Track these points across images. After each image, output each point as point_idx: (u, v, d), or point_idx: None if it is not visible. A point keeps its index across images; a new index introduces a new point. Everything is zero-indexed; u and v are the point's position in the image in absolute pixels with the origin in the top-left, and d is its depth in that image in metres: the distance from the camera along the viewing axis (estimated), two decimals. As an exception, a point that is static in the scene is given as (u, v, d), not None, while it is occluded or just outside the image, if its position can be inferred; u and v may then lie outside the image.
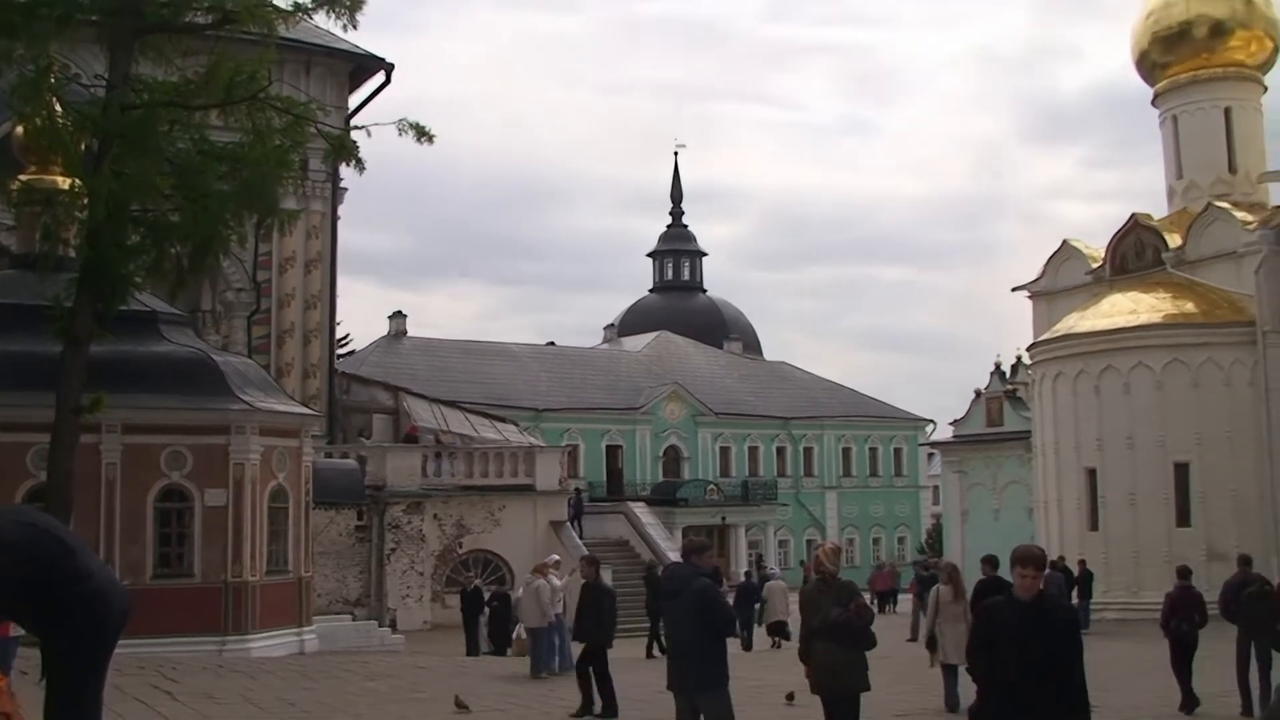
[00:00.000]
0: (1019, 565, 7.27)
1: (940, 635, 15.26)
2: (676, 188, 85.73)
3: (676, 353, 71.85)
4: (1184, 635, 15.74)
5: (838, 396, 74.46)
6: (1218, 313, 34.24)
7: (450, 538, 34.79)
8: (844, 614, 10.35)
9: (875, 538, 71.62)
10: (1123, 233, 39.21)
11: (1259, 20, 39.04)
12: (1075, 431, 35.26)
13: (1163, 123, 40.61)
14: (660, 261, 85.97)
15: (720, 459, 67.90)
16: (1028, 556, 7.33)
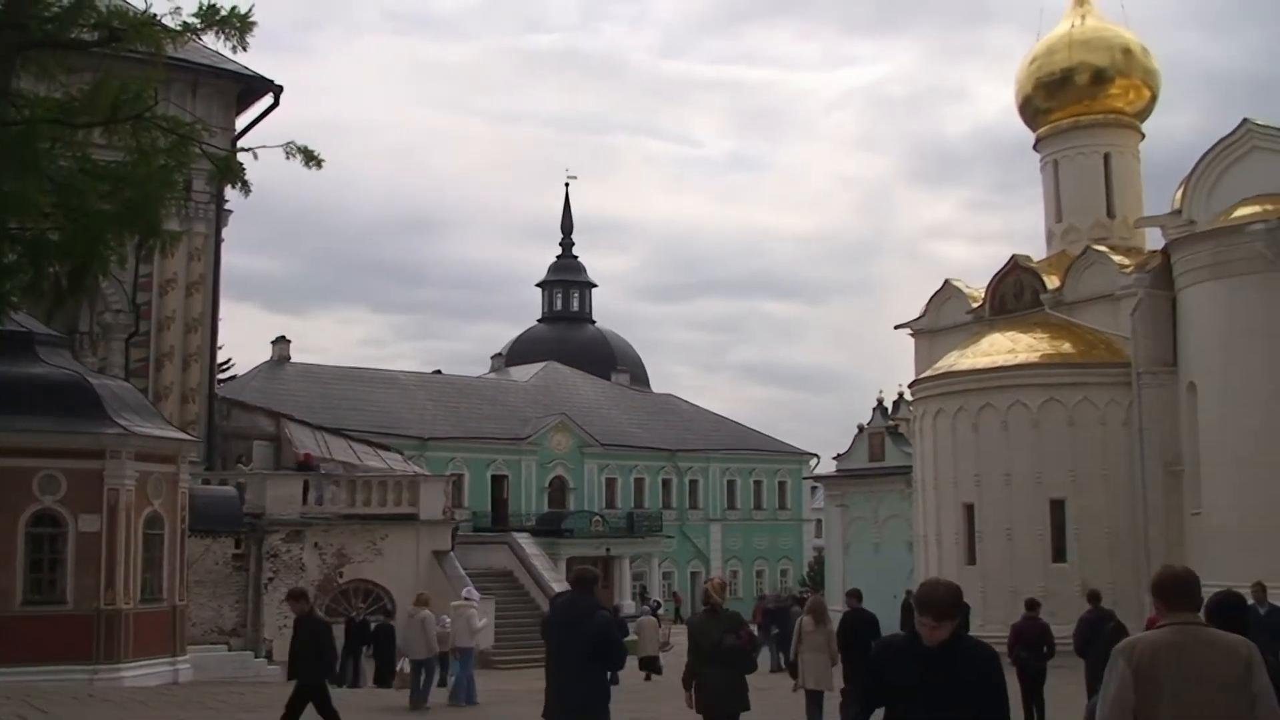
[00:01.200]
0: (918, 612, 5.90)
1: (802, 663, 16.15)
2: (567, 218, 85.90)
3: (564, 383, 71.77)
4: (1026, 664, 16.16)
5: (724, 429, 74.88)
6: (1094, 353, 35.05)
7: (330, 567, 34.25)
8: (736, 641, 11.38)
9: (759, 570, 72.03)
10: (1003, 273, 40.03)
11: (1138, 70, 40.23)
12: (954, 467, 35.82)
13: (1044, 167, 41.62)
14: (550, 292, 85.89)
15: (606, 490, 67.87)
16: (928, 601, 5.88)
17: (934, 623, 5.84)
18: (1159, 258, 34.96)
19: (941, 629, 5.81)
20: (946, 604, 5.89)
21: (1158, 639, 5.19)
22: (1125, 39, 40.45)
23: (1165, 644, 5.14)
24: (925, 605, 5.90)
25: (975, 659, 5.88)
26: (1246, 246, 30.41)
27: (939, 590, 6.01)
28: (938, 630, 5.79)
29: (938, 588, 6.08)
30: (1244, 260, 30.67)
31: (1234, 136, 33.25)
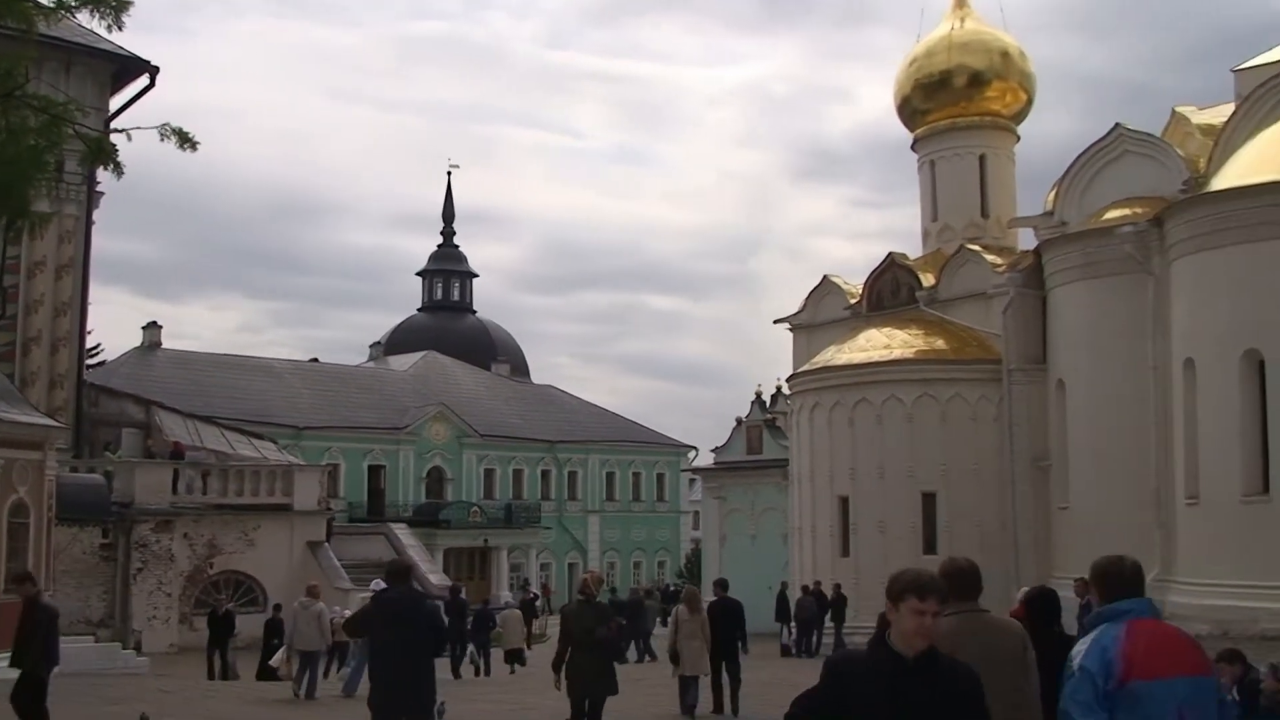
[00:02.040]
0: (912, 595, 4.85)
1: (680, 650, 17.00)
2: (449, 207, 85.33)
3: (443, 373, 71.33)
4: None
5: (604, 421, 75.04)
6: (966, 350, 35.74)
7: (201, 558, 33.66)
8: (606, 632, 12.35)
9: (636, 561, 72.36)
10: (880, 271, 40.64)
11: (1015, 73, 41.06)
12: (830, 460, 36.28)
13: (921, 167, 42.32)
14: (430, 281, 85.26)
15: (484, 481, 67.62)
16: (929, 584, 4.90)
17: (937, 608, 4.88)
18: (1031, 258, 35.75)
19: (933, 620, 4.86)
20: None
21: (955, 623, 5.71)
22: (1003, 42, 41.26)
23: (962, 627, 5.72)
24: (927, 588, 4.86)
25: (956, 677, 4.95)
26: (1116, 248, 31.22)
27: (937, 571, 5.58)
28: (933, 622, 4.84)
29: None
30: (1113, 262, 31.48)
31: (1106, 140, 34.14)
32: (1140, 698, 4.84)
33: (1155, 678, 4.86)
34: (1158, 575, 29.64)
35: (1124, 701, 4.85)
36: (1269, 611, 25.28)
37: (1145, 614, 5.09)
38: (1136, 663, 4.87)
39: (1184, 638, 5.16)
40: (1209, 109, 34.38)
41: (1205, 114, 34.15)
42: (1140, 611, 5.09)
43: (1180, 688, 4.89)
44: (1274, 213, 27.03)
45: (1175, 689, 4.87)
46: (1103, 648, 4.94)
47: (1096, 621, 5.11)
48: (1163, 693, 4.86)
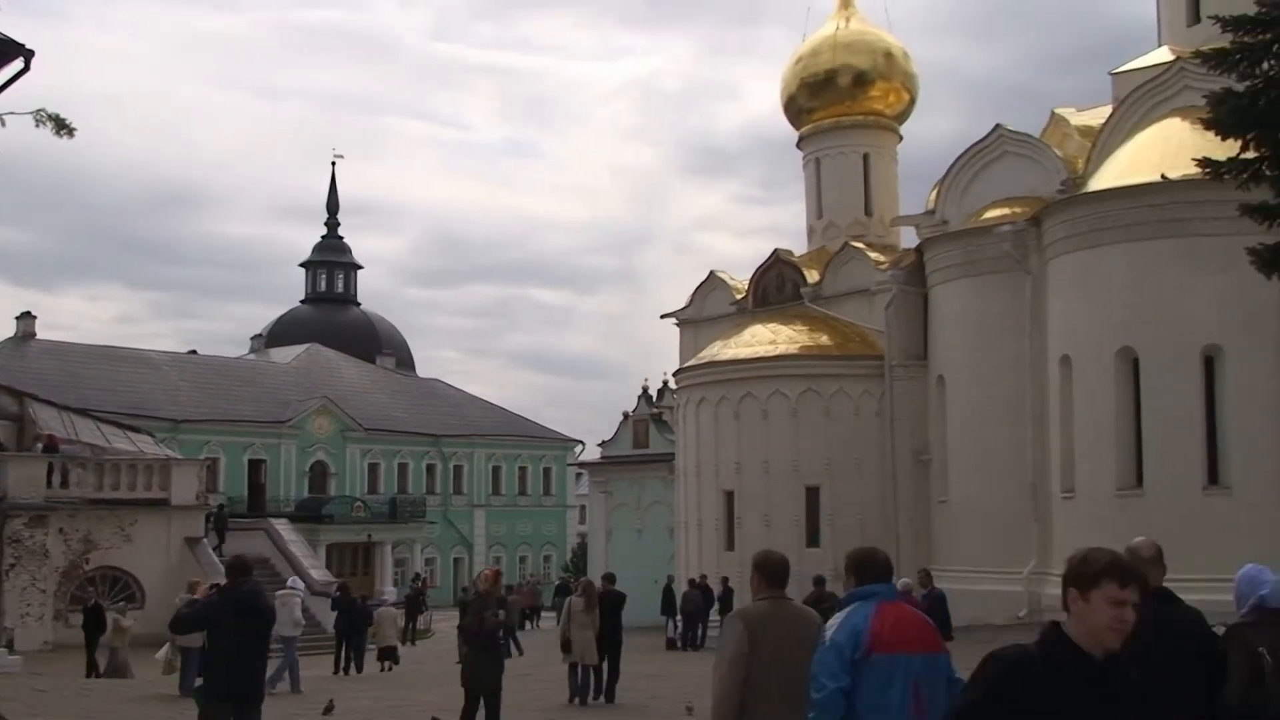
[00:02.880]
0: (1111, 581, 4.15)
1: (572, 639, 17.81)
2: (333, 198, 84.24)
3: (327, 366, 70.49)
4: None
5: (490, 415, 74.75)
6: (850, 346, 36.17)
7: (76, 553, 32.92)
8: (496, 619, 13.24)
9: (522, 556, 72.19)
10: (765, 267, 40.98)
11: (898, 74, 41.65)
12: (716, 455, 36.50)
13: (807, 164, 42.75)
14: (313, 272, 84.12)
15: (369, 475, 66.98)
16: (1129, 569, 4.24)
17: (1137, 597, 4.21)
18: (913, 255, 36.29)
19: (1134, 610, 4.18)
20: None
21: (763, 608, 6.41)
22: (887, 43, 41.82)
23: (769, 612, 6.37)
24: (1127, 574, 4.19)
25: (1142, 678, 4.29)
26: (995, 247, 31.83)
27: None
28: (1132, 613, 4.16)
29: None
30: (992, 260, 32.10)
31: (987, 141, 34.77)
32: (880, 668, 5.57)
33: (895, 651, 5.59)
34: (1035, 567, 30.35)
35: (867, 670, 5.56)
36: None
37: (891, 598, 5.87)
38: (881, 637, 5.59)
39: (922, 620, 5.91)
40: (1087, 111, 35.15)
41: (1083, 116, 34.92)
42: (887, 595, 5.85)
43: (915, 662, 5.63)
44: (1149, 213, 27.75)
45: (911, 663, 5.61)
46: (854, 624, 5.63)
47: (849, 601, 5.82)
48: (900, 665, 5.59)
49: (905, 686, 5.56)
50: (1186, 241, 27.07)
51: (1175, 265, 27.31)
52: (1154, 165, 26.78)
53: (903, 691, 5.54)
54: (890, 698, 5.52)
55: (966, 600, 30.49)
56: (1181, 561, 25.14)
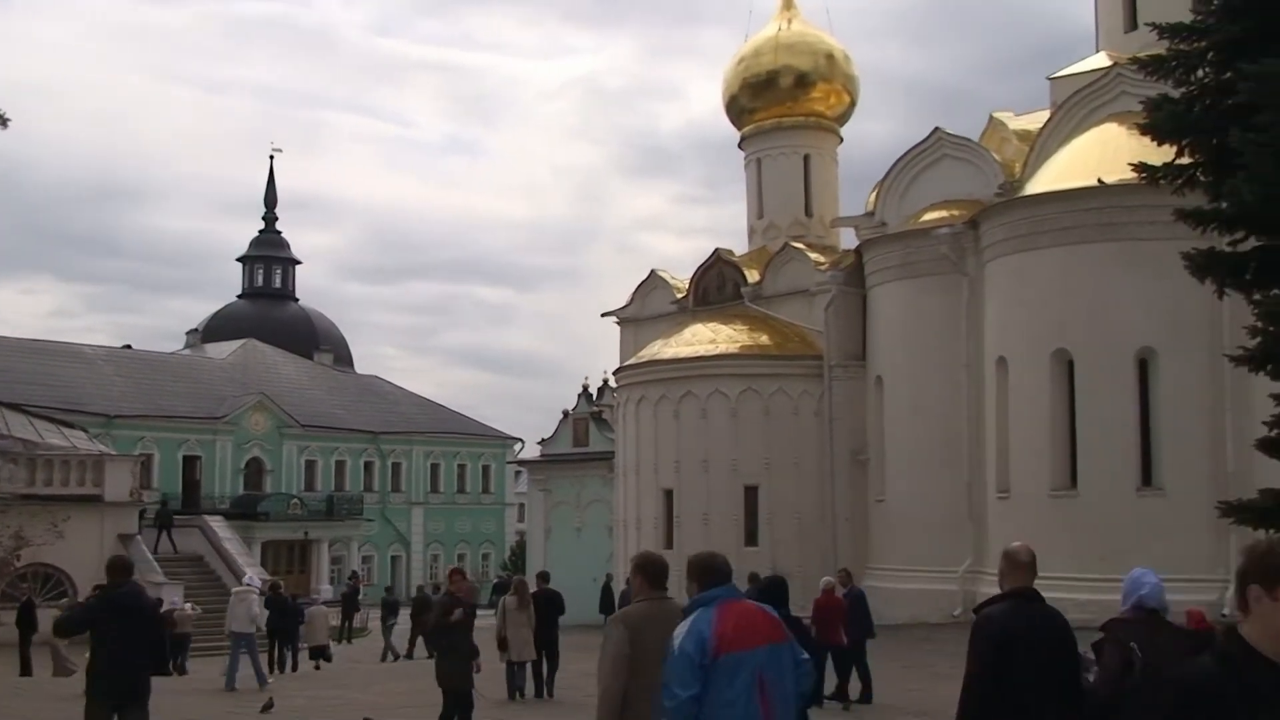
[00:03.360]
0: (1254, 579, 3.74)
1: (509, 638, 18.19)
2: (271, 192, 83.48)
3: (264, 362, 69.86)
4: None
5: (429, 413, 74.39)
6: (789, 346, 36.32)
7: (8, 550, 32.38)
8: (460, 614, 13.65)
9: (460, 554, 71.81)
10: (706, 266, 41.05)
11: (839, 76, 41.85)
12: (655, 453, 36.54)
13: (748, 165, 42.87)
14: (251, 267, 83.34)
15: (305, 472, 66.44)
16: None
17: None
18: (852, 257, 36.51)
19: None
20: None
21: (644, 609, 6.56)
22: (829, 45, 42.01)
23: (649, 613, 6.50)
24: None
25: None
26: (933, 249, 32.09)
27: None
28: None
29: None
30: (930, 262, 32.36)
31: (926, 144, 35.03)
32: (729, 667, 5.84)
33: (741, 649, 5.89)
34: (970, 566, 30.63)
35: (716, 672, 5.82)
36: (1075, 602, 26.05)
37: (732, 597, 6.15)
38: (726, 638, 5.87)
39: (763, 614, 6.22)
40: (1025, 115, 35.48)
41: (1021, 120, 35.24)
42: (728, 596, 6.13)
43: (759, 655, 5.95)
44: (1085, 217, 28.08)
45: (756, 656, 5.93)
46: (699, 630, 5.88)
47: (694, 606, 6.08)
48: (747, 661, 5.89)
49: (751, 679, 5.87)
50: (1122, 245, 27.41)
51: (1110, 269, 27.65)
52: (1091, 170, 27.07)
53: (748, 685, 5.85)
54: (736, 692, 5.82)
55: (902, 599, 30.77)
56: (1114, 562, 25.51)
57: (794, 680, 6.13)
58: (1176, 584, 25.45)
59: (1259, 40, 13.78)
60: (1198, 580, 25.41)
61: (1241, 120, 13.54)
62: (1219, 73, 14.91)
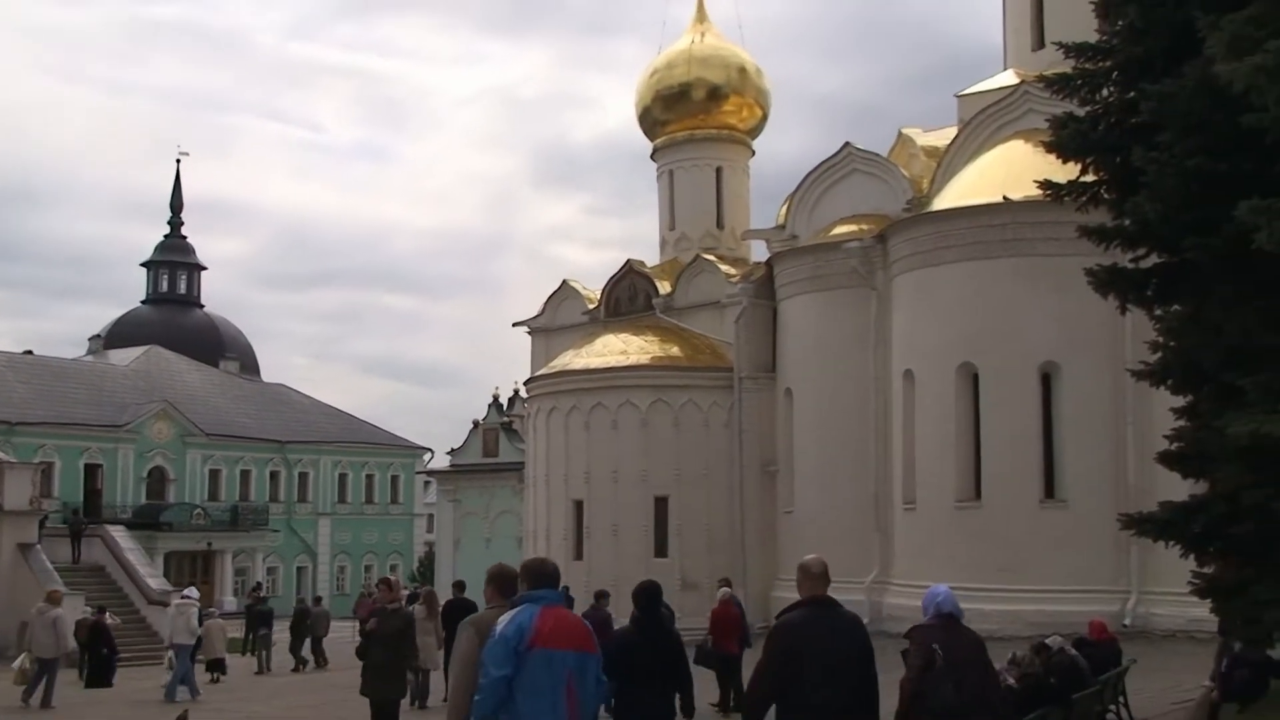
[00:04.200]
0: None
1: (418, 646, 18.00)
2: (177, 197, 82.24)
3: (168, 369, 68.78)
4: None
5: (337, 422, 73.66)
6: (700, 358, 36.44)
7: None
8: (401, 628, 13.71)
9: (368, 565, 71.21)
10: (618, 277, 41.10)
11: (751, 89, 42.13)
12: (566, 464, 36.46)
13: (660, 176, 42.99)
14: (155, 272, 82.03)
15: (209, 482, 65.47)
16: None
17: None
18: (763, 269, 36.73)
19: None
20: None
21: (492, 615, 7.11)
22: (741, 59, 42.27)
23: (495, 619, 6.92)
24: None
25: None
26: (842, 262, 32.38)
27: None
28: None
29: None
30: (840, 275, 32.65)
31: (836, 158, 35.33)
32: (541, 660, 6.56)
33: (554, 648, 6.60)
34: (876, 576, 30.89)
35: (529, 661, 6.55)
36: (979, 613, 26.42)
37: (556, 602, 6.86)
38: (542, 634, 6.59)
39: (580, 623, 6.92)
40: (933, 132, 35.92)
41: (929, 136, 35.67)
42: (553, 599, 6.85)
43: (570, 658, 6.65)
44: (991, 233, 28.48)
45: (566, 658, 6.63)
46: (520, 621, 6.62)
47: (520, 602, 6.82)
48: (558, 659, 6.60)
49: (560, 678, 6.58)
50: (1027, 261, 27.84)
51: (1015, 284, 28.06)
52: (997, 186, 27.47)
53: (558, 681, 6.56)
54: (545, 686, 6.52)
55: (810, 610, 30.83)
56: (1018, 573, 25.83)
57: (594, 692, 6.84)
58: (1079, 595, 26.08)
59: (1162, 61, 14.03)
60: (1099, 591, 25.93)
61: (1144, 139, 13.78)
62: (1123, 92, 15.15)
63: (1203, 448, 14.08)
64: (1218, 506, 13.88)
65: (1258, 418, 11.18)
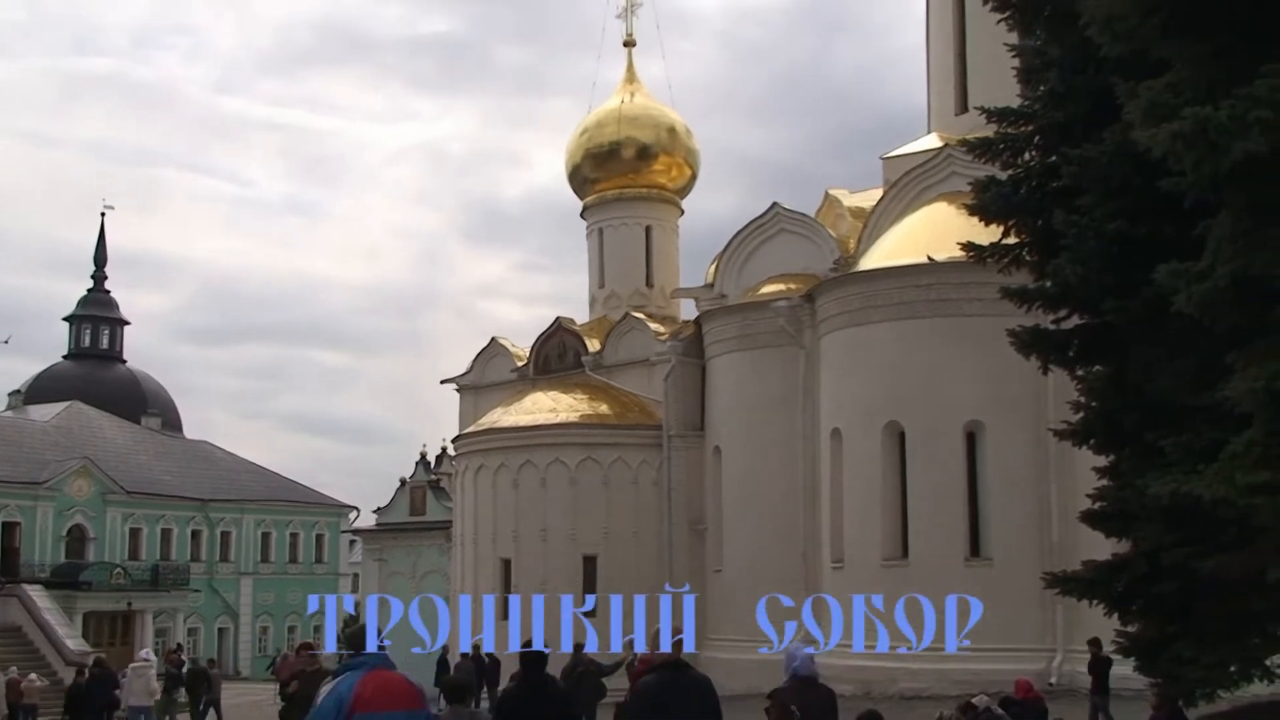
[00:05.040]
0: None
1: None
2: (101, 251, 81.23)
3: (88, 425, 67.57)
4: None
5: (261, 480, 72.64)
6: (629, 416, 36.44)
7: None
8: None
9: (291, 626, 70.06)
10: (547, 335, 41.11)
11: (680, 149, 42.51)
12: (494, 522, 36.22)
13: (590, 234, 43.16)
14: (78, 327, 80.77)
15: (130, 540, 64.15)
16: None
17: None
18: (692, 327, 36.88)
19: None
20: None
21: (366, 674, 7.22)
22: (671, 119, 42.66)
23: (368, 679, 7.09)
24: None
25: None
26: (771, 321, 32.59)
27: None
28: None
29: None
30: (768, 334, 32.84)
31: (764, 218, 35.63)
32: None
33: (375, 711, 6.83)
34: (806, 634, 30.84)
35: None
36: (907, 672, 26.62)
37: (380, 666, 7.07)
38: (363, 698, 6.82)
39: (405, 683, 7.19)
40: (859, 193, 36.37)
41: (856, 197, 36.11)
42: (376, 664, 7.07)
43: (394, 718, 6.94)
44: (916, 293, 28.79)
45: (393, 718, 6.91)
46: (339, 691, 6.85)
47: (343, 670, 7.06)
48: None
49: None
50: (951, 321, 28.16)
51: (940, 343, 28.35)
52: (921, 247, 27.80)
53: None
54: None
55: (740, 669, 30.74)
56: (944, 631, 25.78)
57: None
58: (1004, 653, 26.17)
59: (1082, 126, 14.34)
60: (1024, 650, 26.05)
61: (1065, 203, 14.04)
62: (1044, 156, 15.46)
63: (1125, 507, 14.26)
64: (1140, 565, 14.05)
65: (1178, 477, 11.34)
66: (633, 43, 43.93)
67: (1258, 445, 10.39)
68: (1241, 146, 9.67)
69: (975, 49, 33.76)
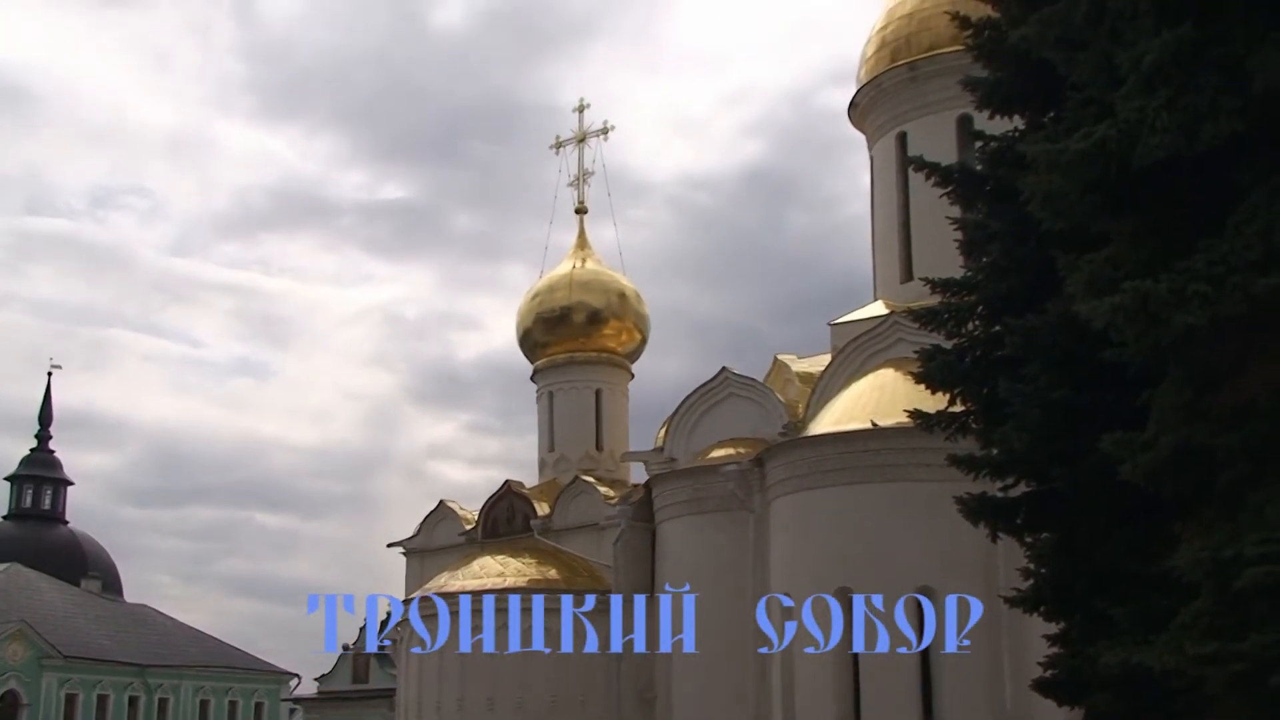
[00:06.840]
0: None
1: None
2: (46, 410, 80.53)
3: (26, 587, 66.09)
4: None
5: (201, 645, 71.09)
6: (578, 580, 36.05)
7: None
8: None
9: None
10: (496, 498, 40.85)
11: (630, 314, 42.92)
12: (439, 691, 35.50)
13: (540, 397, 43.24)
14: (19, 487, 79.59)
15: (66, 707, 62.33)
16: None
17: None
18: (642, 491, 36.75)
19: None
20: None
21: None
22: (621, 284, 43.14)
23: None
24: None
25: None
26: (720, 485, 32.56)
27: None
28: None
29: None
30: (717, 498, 32.78)
31: (713, 383, 35.84)
32: None
33: None
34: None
35: None
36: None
37: None
38: None
39: None
40: (808, 359, 36.68)
41: (804, 363, 36.41)
42: None
43: None
44: (864, 458, 28.93)
45: None
46: None
47: None
48: None
49: None
50: (899, 486, 28.27)
51: (888, 509, 28.41)
52: (869, 413, 28.04)
53: None
54: None
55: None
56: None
57: None
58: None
59: (1025, 297, 14.63)
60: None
61: (1009, 372, 14.27)
62: (988, 326, 15.73)
63: (1076, 675, 14.22)
64: (1092, 735, 13.95)
65: (1129, 647, 11.35)
66: (584, 210, 44.60)
67: (1205, 615, 10.44)
68: (1182, 320, 9.90)
69: (919, 220, 34.50)
